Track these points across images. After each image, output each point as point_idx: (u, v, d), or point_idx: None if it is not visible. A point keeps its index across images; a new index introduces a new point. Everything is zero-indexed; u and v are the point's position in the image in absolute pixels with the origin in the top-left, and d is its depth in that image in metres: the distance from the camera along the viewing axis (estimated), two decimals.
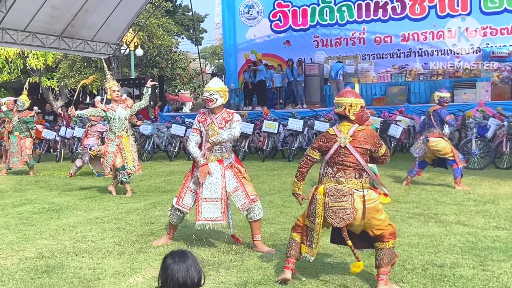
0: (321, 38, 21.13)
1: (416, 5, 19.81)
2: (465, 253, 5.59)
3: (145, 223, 7.28)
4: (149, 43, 27.68)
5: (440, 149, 9.56)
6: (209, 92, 5.95)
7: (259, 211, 5.93)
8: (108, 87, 9.50)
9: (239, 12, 22.09)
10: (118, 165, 9.51)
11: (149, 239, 6.43)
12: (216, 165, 5.92)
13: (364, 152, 4.69)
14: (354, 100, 4.78)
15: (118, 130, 9.48)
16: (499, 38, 18.92)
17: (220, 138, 5.81)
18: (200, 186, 5.89)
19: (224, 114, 6.01)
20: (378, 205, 4.73)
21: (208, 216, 5.88)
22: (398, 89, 18.14)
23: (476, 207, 7.80)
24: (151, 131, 15.48)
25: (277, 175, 11.52)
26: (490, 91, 16.34)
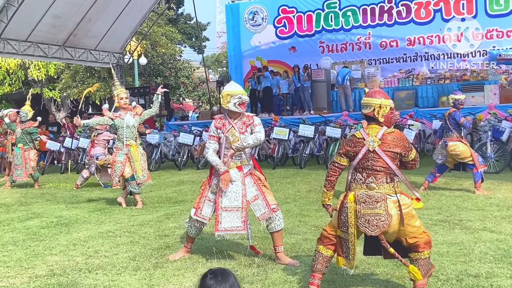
0: (326, 44, 20.98)
1: (422, 9, 19.68)
2: (499, 261, 5.37)
3: (159, 235, 7.02)
4: (153, 51, 27.57)
5: (459, 153, 9.34)
6: (237, 96, 5.69)
7: (280, 221, 5.69)
8: (116, 94, 9.28)
9: (244, 18, 21.94)
10: (127, 175, 9.25)
11: (165, 253, 6.16)
12: (235, 172, 5.67)
13: (394, 156, 4.46)
14: (384, 101, 4.56)
15: (126, 138, 9.24)
16: (505, 41, 18.79)
17: (245, 144, 5.57)
18: (219, 195, 5.63)
19: (243, 119, 5.76)
20: (412, 211, 4.51)
21: (228, 226, 5.61)
22: (405, 93, 17.95)
23: (500, 212, 7.57)
24: (158, 140, 15.25)
25: (290, 183, 11.27)
26: (498, 94, 16.14)
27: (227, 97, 5.71)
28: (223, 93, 5.80)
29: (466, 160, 9.37)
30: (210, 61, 50.68)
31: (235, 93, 5.69)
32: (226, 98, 5.71)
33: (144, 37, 24.91)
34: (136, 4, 19.96)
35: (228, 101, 5.69)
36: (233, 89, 5.79)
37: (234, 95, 5.68)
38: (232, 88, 5.82)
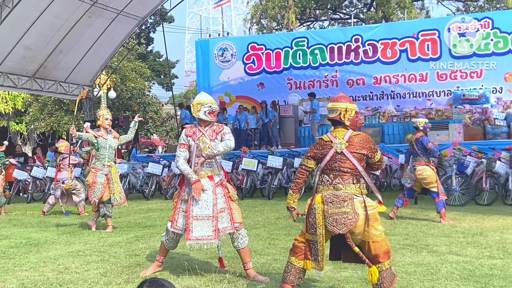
0: (294, 80, 21.30)
1: (388, 49, 20.21)
2: (465, 279, 5.48)
3: (129, 255, 6.97)
4: (122, 85, 27.54)
5: (426, 177, 9.54)
6: (208, 104, 5.78)
7: (243, 239, 5.71)
8: (101, 114, 9.29)
9: (213, 54, 22.18)
10: (105, 198, 9.17)
11: (136, 270, 6.12)
12: (207, 182, 5.70)
13: (361, 157, 4.57)
14: (349, 105, 4.70)
15: (108, 159, 9.20)
16: (469, 81, 19.38)
17: (215, 151, 5.62)
18: (190, 203, 5.63)
19: (213, 127, 5.85)
20: (376, 214, 4.60)
21: (199, 234, 5.59)
22: (372, 130, 18.23)
23: (465, 238, 7.72)
24: (127, 170, 15.15)
25: (259, 211, 11.32)
26: (462, 132, 16.55)
27: (197, 106, 5.80)
28: (194, 102, 5.89)
29: (430, 186, 9.56)
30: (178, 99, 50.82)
31: (205, 102, 5.80)
32: (197, 107, 5.80)
33: (114, 71, 24.92)
34: (107, 38, 20.04)
35: (199, 110, 5.78)
36: (204, 98, 5.89)
37: (204, 104, 5.78)
38: (202, 97, 5.93)
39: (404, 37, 20.02)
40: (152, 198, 15.18)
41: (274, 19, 31.24)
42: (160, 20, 26.95)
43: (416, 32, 19.91)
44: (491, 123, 16.52)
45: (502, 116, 16.60)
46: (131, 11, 19.24)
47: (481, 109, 17.78)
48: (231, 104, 21.76)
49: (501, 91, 18.94)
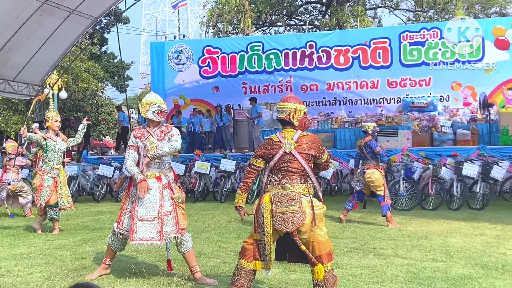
0: (249, 85, 21.39)
1: (341, 56, 20.55)
2: (408, 282, 5.63)
3: (75, 258, 6.85)
4: (74, 86, 27.06)
5: (374, 180, 9.75)
6: (156, 104, 5.75)
7: (186, 244, 5.69)
8: (50, 115, 9.08)
9: (168, 57, 22.06)
10: (52, 202, 8.97)
11: (82, 273, 6.02)
12: (154, 182, 5.66)
13: (309, 158, 4.65)
14: (299, 106, 4.77)
15: (56, 162, 9.03)
16: (418, 89, 19.88)
17: (160, 151, 5.60)
18: (136, 204, 5.58)
19: (162, 127, 5.83)
20: (322, 214, 4.67)
21: (143, 235, 5.53)
22: (324, 135, 18.46)
23: (411, 242, 7.93)
24: (77, 171, 14.89)
25: (210, 215, 11.32)
26: (411, 138, 16.94)
27: (146, 105, 5.76)
28: (143, 102, 5.85)
29: (377, 189, 9.77)
30: (133, 101, 50.26)
31: (154, 102, 5.76)
32: (145, 107, 5.76)
33: (65, 70, 24.46)
34: (59, 37, 19.63)
35: (147, 110, 5.74)
36: (152, 98, 5.86)
37: (153, 104, 5.75)
38: (151, 97, 5.89)
39: (357, 44, 20.40)
40: (103, 200, 14.96)
41: (230, 23, 31.30)
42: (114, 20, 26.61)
43: (368, 40, 20.33)
44: (438, 130, 16.99)
45: (449, 124, 17.11)
46: (84, 10, 18.91)
47: (429, 117, 18.27)
48: (186, 107, 21.67)
49: (448, 99, 19.53)
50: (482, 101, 17.64)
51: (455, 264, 6.41)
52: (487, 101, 17.55)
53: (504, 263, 6.41)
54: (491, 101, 18.06)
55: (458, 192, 11.99)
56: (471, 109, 18.89)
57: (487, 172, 11.87)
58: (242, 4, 29.80)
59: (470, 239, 8.07)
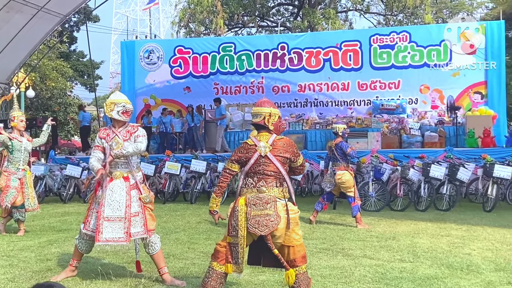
0: (221, 86, 21.33)
1: (312, 58, 20.65)
2: (376, 282, 5.69)
3: (40, 260, 6.73)
4: (42, 84, 26.61)
5: (345, 181, 9.83)
6: (121, 104, 5.70)
7: (153, 245, 5.65)
8: (15, 115, 8.91)
9: (139, 56, 21.86)
10: (18, 203, 8.82)
11: (47, 275, 5.93)
12: (121, 182, 5.61)
13: (284, 160, 4.67)
14: (273, 110, 4.79)
15: (22, 162, 8.88)
16: (387, 92, 20.11)
17: (124, 151, 5.54)
18: (102, 204, 5.52)
19: (128, 128, 5.78)
20: (297, 218, 4.70)
21: (109, 236, 5.47)
22: (295, 137, 18.54)
23: (379, 242, 8.01)
24: (44, 172, 14.64)
25: (180, 215, 11.25)
26: (380, 140, 17.14)
27: (110, 105, 5.71)
28: (107, 101, 5.78)
29: (348, 191, 9.86)
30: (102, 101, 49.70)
31: (118, 102, 5.72)
32: (110, 106, 5.70)
33: (33, 69, 24.05)
34: (26, 35, 19.32)
35: (112, 109, 5.69)
36: (117, 97, 5.81)
37: (118, 103, 5.70)
38: (116, 96, 5.84)
39: (328, 46, 20.53)
40: (70, 201, 14.73)
41: (202, 23, 31.17)
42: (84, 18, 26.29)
43: (340, 42, 20.47)
44: (407, 133, 17.22)
45: (417, 126, 17.36)
46: (53, 8, 18.65)
47: (398, 119, 18.51)
48: (157, 107, 21.51)
49: (416, 102, 19.79)
50: (450, 104, 17.94)
51: (422, 264, 6.51)
52: (454, 104, 17.86)
53: (469, 263, 6.52)
54: (458, 104, 18.38)
55: (426, 193, 12.17)
56: (439, 112, 19.21)
57: (454, 174, 12.08)
58: (214, 5, 29.71)
59: (437, 240, 8.19)
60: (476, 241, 8.10)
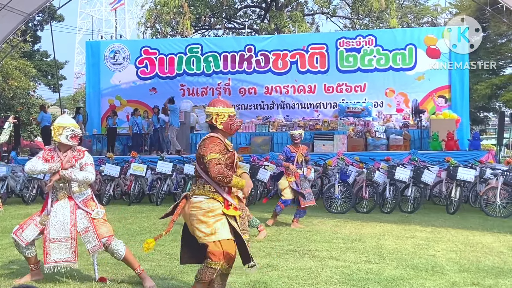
0: (187, 87, 21.22)
1: (279, 60, 20.72)
2: (343, 284, 5.72)
3: (3, 262, 6.63)
4: (4, 84, 26.02)
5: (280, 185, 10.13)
6: (70, 128, 5.59)
7: (117, 252, 5.55)
8: None
9: (104, 57, 21.58)
10: None
11: (9, 277, 5.80)
12: (65, 202, 5.55)
13: (199, 157, 4.68)
14: (221, 109, 4.74)
15: None
16: (353, 95, 20.31)
17: (73, 176, 5.49)
18: (47, 226, 5.45)
19: (74, 152, 5.67)
20: (199, 215, 4.62)
21: (57, 257, 5.42)
22: (262, 139, 18.59)
23: (345, 244, 8.07)
24: (6, 172, 14.31)
25: (146, 217, 11.13)
26: (346, 143, 17.29)
27: (59, 129, 5.59)
28: (55, 125, 5.64)
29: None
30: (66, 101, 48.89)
31: (67, 126, 5.61)
32: (58, 131, 5.59)
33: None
34: None
35: (60, 134, 5.57)
36: (66, 121, 5.69)
37: (66, 128, 5.60)
38: (64, 120, 5.72)
39: (295, 49, 20.64)
40: (33, 203, 14.43)
41: (169, 24, 30.99)
42: (48, 18, 25.82)
43: (306, 45, 20.60)
44: (372, 135, 17.41)
45: (382, 129, 17.57)
46: (17, 6, 18.24)
47: (364, 122, 18.73)
48: (122, 108, 21.28)
49: (382, 105, 20.05)
50: (414, 107, 18.23)
51: (388, 265, 6.57)
52: (418, 107, 18.15)
53: (434, 264, 6.61)
54: (423, 107, 18.68)
55: (391, 195, 12.30)
56: (404, 115, 19.49)
57: (418, 176, 12.25)
58: (181, 6, 29.59)
59: (402, 241, 8.29)
60: (440, 242, 8.23)
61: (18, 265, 6.48)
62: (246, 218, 7.71)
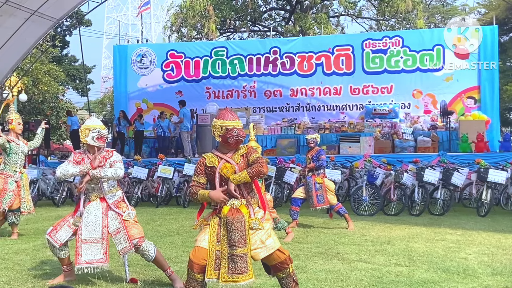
0: (213, 90, 21.34)
1: (304, 62, 20.69)
2: (373, 286, 5.67)
3: (36, 263, 6.72)
4: (34, 88, 26.47)
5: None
6: (96, 129, 5.67)
7: (147, 254, 5.59)
8: (13, 118, 8.89)
9: (131, 60, 21.82)
10: (15, 206, 8.79)
11: (42, 278, 5.91)
12: (97, 203, 5.62)
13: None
14: (218, 122, 4.67)
15: (20, 165, 8.84)
16: (380, 97, 20.17)
17: (102, 174, 5.55)
18: (80, 227, 5.53)
19: (103, 153, 5.76)
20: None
21: (89, 258, 5.47)
22: (288, 141, 18.56)
23: (374, 247, 7.99)
24: (37, 175, 14.56)
25: (174, 219, 11.21)
26: (372, 145, 17.16)
27: (85, 131, 5.69)
28: (82, 127, 5.76)
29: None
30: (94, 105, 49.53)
31: (93, 127, 5.69)
32: (85, 132, 5.68)
33: (25, 73, 23.93)
34: (19, 39, 19.21)
35: (87, 135, 5.67)
36: (92, 123, 5.79)
37: (92, 129, 5.68)
38: (91, 122, 5.82)
39: (320, 51, 20.59)
40: (63, 205, 14.65)
41: (194, 28, 31.17)
42: (76, 23, 26.20)
43: (332, 47, 20.53)
44: (400, 137, 17.26)
45: (410, 131, 17.40)
46: (46, 12, 18.56)
47: (391, 124, 18.56)
48: (149, 111, 21.49)
49: (409, 106, 19.87)
50: (442, 109, 18.01)
51: (418, 268, 6.49)
52: (447, 109, 17.93)
53: (466, 267, 6.51)
54: (451, 109, 18.46)
55: (419, 198, 12.16)
56: (432, 116, 19.28)
57: (448, 178, 12.08)
58: (207, 9, 29.74)
59: (432, 244, 8.19)
60: (472, 245, 8.10)
61: (51, 265, 6.58)
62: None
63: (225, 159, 4.65)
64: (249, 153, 4.69)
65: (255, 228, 4.56)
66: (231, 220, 4.50)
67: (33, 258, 7.05)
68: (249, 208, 4.63)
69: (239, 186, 4.61)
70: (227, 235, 4.51)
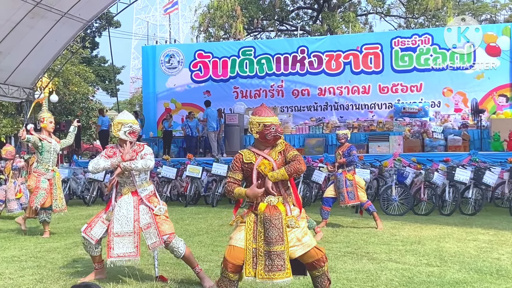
0: (240, 89, 21.40)
1: (332, 61, 20.61)
2: (404, 286, 5.61)
3: (67, 261, 6.82)
4: (65, 89, 26.91)
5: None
6: (128, 124, 5.72)
7: (177, 250, 5.59)
8: (45, 117, 9.04)
9: (160, 61, 22.01)
10: (47, 204, 8.93)
11: (74, 276, 5.99)
12: (128, 198, 5.64)
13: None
14: (255, 118, 4.63)
15: (52, 163, 8.98)
16: (409, 95, 19.97)
17: (132, 165, 5.57)
18: (112, 221, 5.57)
19: (134, 147, 5.80)
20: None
21: (120, 251, 5.50)
22: (316, 140, 18.48)
23: (404, 246, 7.90)
24: (68, 175, 14.78)
25: (202, 218, 11.26)
26: (402, 144, 16.99)
27: (118, 125, 5.73)
28: (115, 121, 5.81)
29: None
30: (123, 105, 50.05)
31: (126, 122, 5.73)
32: (117, 126, 5.73)
33: (56, 74, 24.32)
34: (50, 40, 19.57)
35: (119, 129, 5.71)
36: (125, 117, 5.82)
37: (125, 124, 5.72)
38: (123, 116, 5.86)
39: (348, 50, 20.49)
40: (93, 204, 14.86)
41: (221, 28, 31.29)
42: (106, 24, 26.53)
43: (360, 45, 20.40)
44: (429, 136, 17.04)
45: (440, 130, 17.17)
46: (76, 13, 18.86)
47: (420, 122, 18.33)
48: (177, 111, 21.64)
49: (439, 105, 19.63)
50: (473, 107, 17.73)
51: (450, 268, 6.40)
52: (478, 107, 17.65)
53: (499, 268, 6.40)
54: (482, 107, 18.16)
55: (450, 197, 11.98)
56: (462, 115, 18.99)
57: (479, 177, 11.88)
58: (234, 9, 29.83)
59: (464, 244, 8.06)
60: (505, 246, 7.95)
61: (82, 264, 6.67)
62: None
63: (263, 155, 4.61)
64: (286, 150, 4.64)
65: (291, 226, 4.53)
66: (269, 217, 4.48)
67: (64, 256, 7.16)
68: (285, 205, 4.60)
69: (276, 183, 4.57)
70: (264, 232, 4.48)
